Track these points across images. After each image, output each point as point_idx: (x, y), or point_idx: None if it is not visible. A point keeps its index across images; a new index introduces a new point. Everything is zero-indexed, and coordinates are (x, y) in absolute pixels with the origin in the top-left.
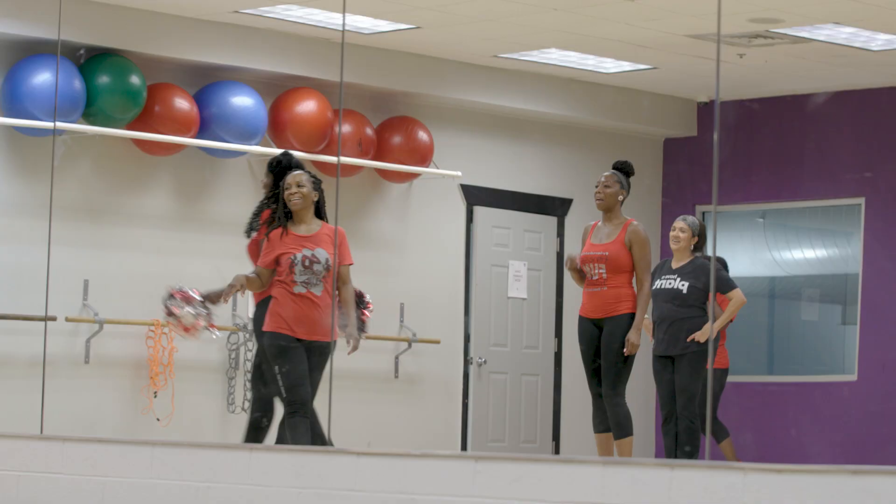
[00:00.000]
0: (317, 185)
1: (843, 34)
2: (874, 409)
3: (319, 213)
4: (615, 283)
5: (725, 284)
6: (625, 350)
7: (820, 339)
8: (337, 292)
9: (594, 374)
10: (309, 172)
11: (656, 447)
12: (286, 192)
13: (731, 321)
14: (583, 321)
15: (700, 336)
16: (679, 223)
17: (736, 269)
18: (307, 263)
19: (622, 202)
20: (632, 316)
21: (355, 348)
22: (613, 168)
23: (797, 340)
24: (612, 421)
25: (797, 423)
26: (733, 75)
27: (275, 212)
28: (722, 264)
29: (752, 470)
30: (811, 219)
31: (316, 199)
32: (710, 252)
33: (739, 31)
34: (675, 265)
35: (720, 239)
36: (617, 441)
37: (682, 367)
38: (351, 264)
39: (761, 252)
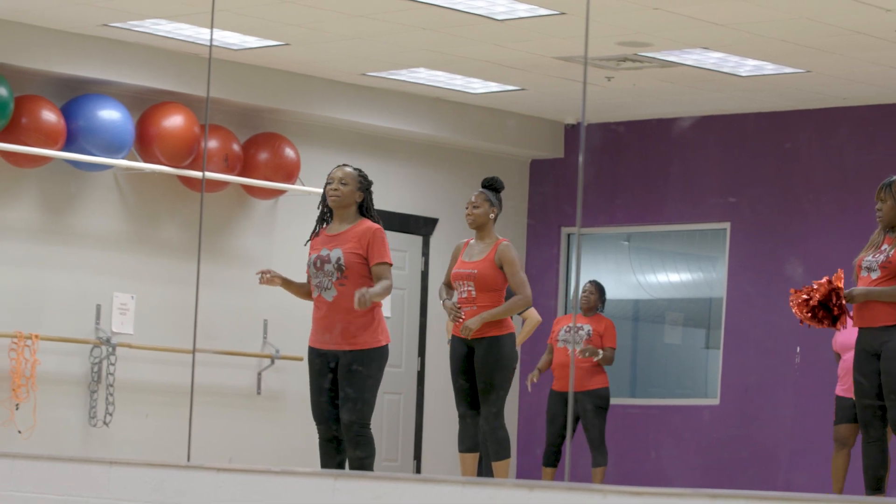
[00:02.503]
0: (364, 185)
1: (711, 59)
2: (735, 433)
3: (365, 214)
4: (485, 302)
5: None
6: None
7: (683, 363)
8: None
9: (463, 393)
10: (360, 170)
11: (518, 468)
12: (327, 187)
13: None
14: (454, 340)
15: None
16: None
17: None
18: (318, 264)
19: (494, 220)
20: (504, 336)
21: (359, 300)
22: (482, 186)
23: (660, 363)
24: (490, 442)
25: (658, 445)
26: (601, 98)
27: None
28: None
29: (612, 492)
30: (676, 243)
31: (360, 200)
32: (573, 277)
33: (608, 53)
34: None
35: (584, 261)
36: (495, 463)
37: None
38: (384, 262)
39: (626, 275)
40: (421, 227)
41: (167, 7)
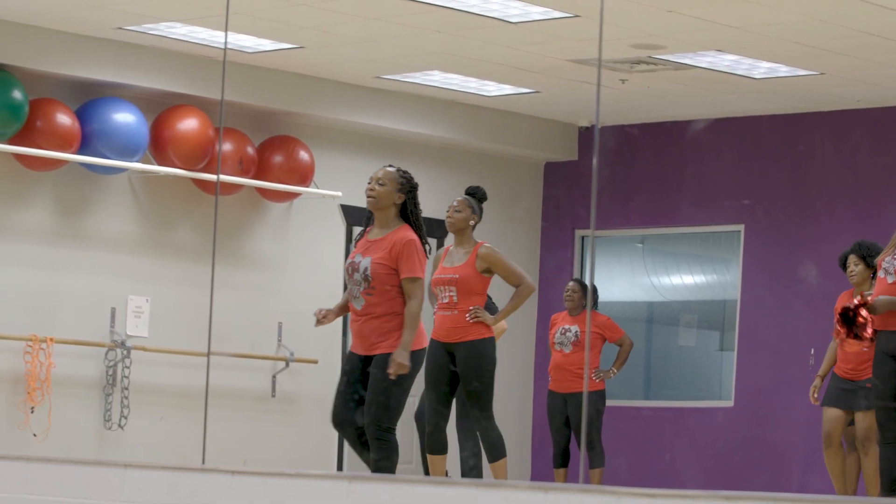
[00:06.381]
0: (405, 186)
1: (725, 61)
2: (749, 434)
3: (407, 217)
4: (466, 306)
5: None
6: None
7: (697, 365)
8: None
9: (442, 396)
10: (402, 171)
11: (532, 470)
12: (366, 187)
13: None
14: (434, 344)
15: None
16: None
17: (614, 294)
18: (350, 270)
19: (473, 227)
20: (484, 340)
21: (394, 370)
22: (466, 193)
23: (674, 366)
24: (484, 444)
25: (672, 448)
26: (615, 100)
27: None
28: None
29: (626, 494)
30: (690, 245)
31: (400, 201)
32: (587, 278)
33: (622, 56)
34: None
35: (598, 263)
36: (491, 464)
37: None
38: (414, 277)
39: (640, 277)
40: (435, 229)
41: (182, 10)
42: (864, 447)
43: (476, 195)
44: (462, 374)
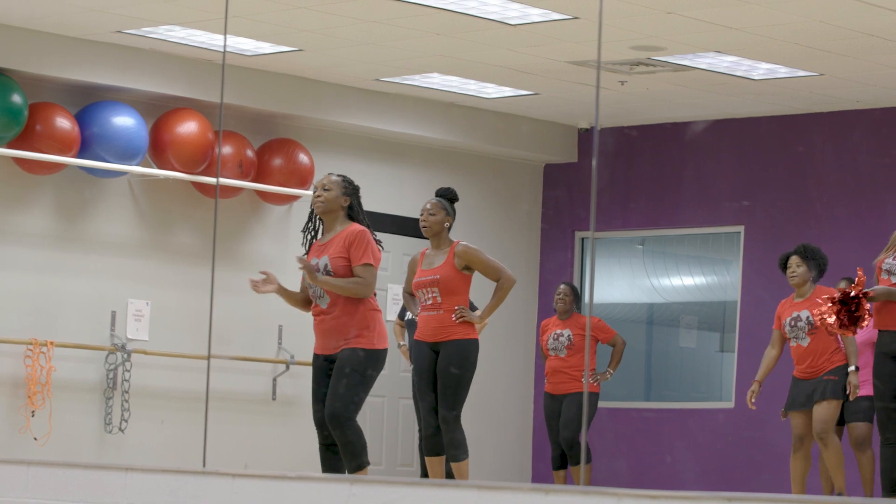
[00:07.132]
0: (348, 189)
1: (724, 63)
2: (749, 436)
3: (354, 218)
4: (450, 305)
5: None
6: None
7: (697, 366)
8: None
9: (435, 399)
10: (344, 176)
11: (533, 472)
12: (313, 195)
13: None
14: (419, 344)
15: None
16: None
17: (614, 296)
18: None
19: (449, 228)
20: (469, 340)
21: (307, 267)
22: (437, 195)
23: (674, 367)
24: (448, 443)
25: (673, 449)
26: (614, 102)
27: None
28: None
29: (627, 496)
30: (690, 246)
31: (346, 204)
32: (587, 281)
33: (621, 58)
34: None
35: (598, 265)
36: (455, 464)
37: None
38: (363, 264)
39: (640, 279)
40: None
41: (181, 14)
42: (822, 439)
43: (447, 196)
44: (440, 368)
